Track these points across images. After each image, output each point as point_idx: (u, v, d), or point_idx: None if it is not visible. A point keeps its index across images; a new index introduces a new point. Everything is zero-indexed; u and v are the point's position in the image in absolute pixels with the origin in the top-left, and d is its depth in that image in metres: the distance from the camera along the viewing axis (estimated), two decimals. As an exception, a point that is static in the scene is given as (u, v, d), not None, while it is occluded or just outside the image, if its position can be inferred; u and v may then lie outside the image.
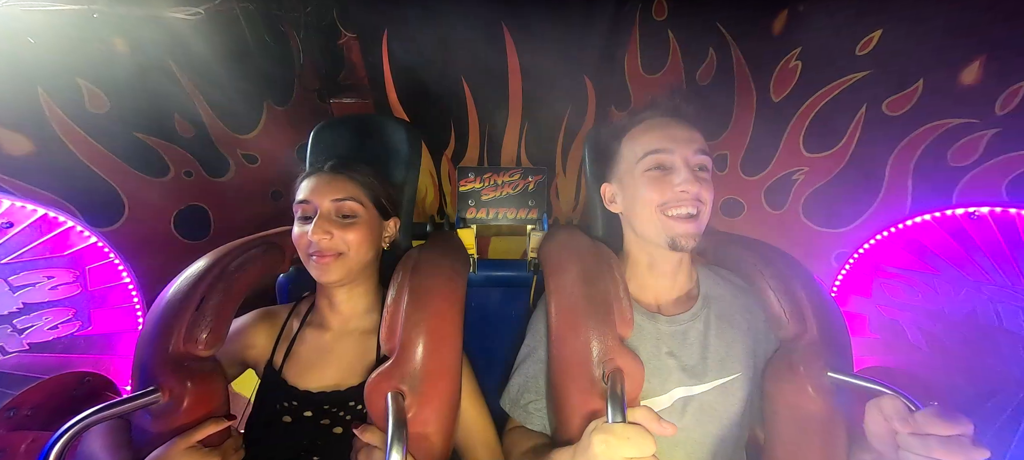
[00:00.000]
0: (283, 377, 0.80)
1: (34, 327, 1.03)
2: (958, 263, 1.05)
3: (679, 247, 0.72)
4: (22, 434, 0.84)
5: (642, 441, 0.52)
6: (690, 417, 0.74)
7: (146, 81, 1.26)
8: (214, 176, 1.46)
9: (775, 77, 1.40)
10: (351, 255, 0.76)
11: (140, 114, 1.25)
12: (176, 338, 0.66)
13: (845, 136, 1.28)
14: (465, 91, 1.76)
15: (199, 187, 1.41)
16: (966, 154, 1.07)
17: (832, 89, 1.28)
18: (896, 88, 1.16)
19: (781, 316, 0.72)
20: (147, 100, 1.27)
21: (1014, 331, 0.95)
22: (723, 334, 0.78)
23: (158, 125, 1.30)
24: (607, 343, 0.66)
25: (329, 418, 0.76)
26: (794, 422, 0.68)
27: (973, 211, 1.02)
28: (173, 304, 0.69)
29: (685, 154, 0.72)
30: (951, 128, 1.08)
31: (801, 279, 0.75)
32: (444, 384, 0.68)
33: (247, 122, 1.56)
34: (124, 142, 1.22)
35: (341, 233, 0.75)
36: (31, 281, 1.02)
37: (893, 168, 1.20)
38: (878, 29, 1.16)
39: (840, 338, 0.71)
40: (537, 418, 0.78)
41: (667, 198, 0.72)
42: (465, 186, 1.35)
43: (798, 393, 0.68)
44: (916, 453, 0.52)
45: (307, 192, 0.77)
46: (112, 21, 1.16)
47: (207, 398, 0.67)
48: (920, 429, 0.52)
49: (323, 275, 0.75)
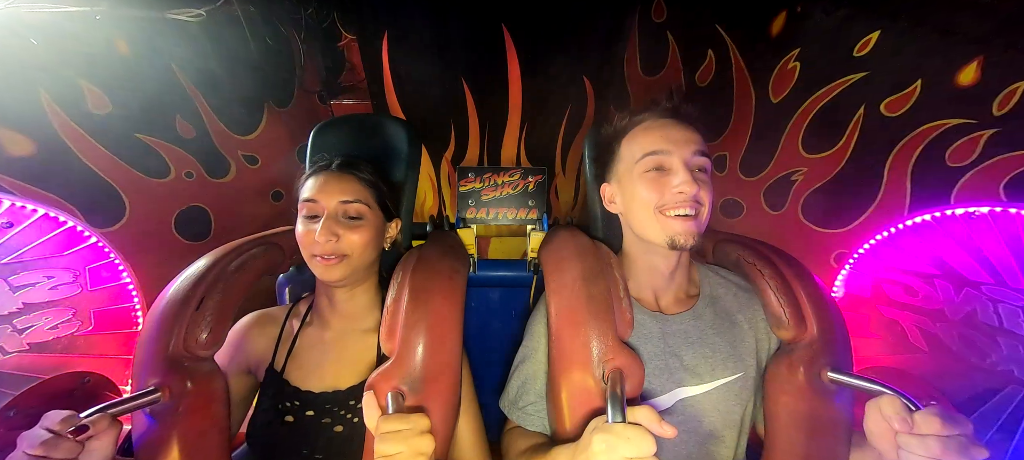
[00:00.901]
0: (284, 378, 0.80)
1: (34, 327, 1.03)
2: (958, 263, 1.05)
3: (678, 246, 0.72)
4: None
5: (642, 441, 0.52)
6: (691, 416, 0.74)
7: (147, 82, 1.27)
8: (215, 177, 1.46)
9: (774, 78, 1.40)
10: (355, 257, 0.76)
11: (141, 115, 1.26)
12: (176, 338, 0.66)
13: (844, 137, 1.28)
14: (465, 91, 1.77)
15: (200, 188, 1.41)
16: (964, 154, 1.07)
17: (831, 90, 1.28)
18: (894, 89, 1.16)
19: (781, 316, 0.72)
20: (148, 101, 1.27)
21: (1014, 331, 0.95)
22: (724, 333, 0.78)
23: (159, 126, 1.31)
24: (607, 343, 0.66)
25: (331, 417, 0.76)
26: (794, 422, 0.68)
27: (972, 211, 1.02)
28: (173, 304, 0.69)
29: (683, 155, 0.72)
30: (949, 128, 1.09)
31: (801, 279, 0.75)
32: (444, 384, 0.68)
33: (248, 123, 1.56)
34: (125, 143, 1.23)
35: (347, 234, 0.75)
36: (31, 281, 1.03)
37: (892, 168, 1.20)
38: (876, 30, 1.16)
39: (840, 338, 0.71)
40: (535, 419, 0.78)
41: (665, 199, 0.72)
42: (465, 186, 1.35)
43: (798, 393, 0.68)
44: (916, 453, 0.52)
45: (314, 191, 0.76)
46: (114, 22, 1.17)
47: (207, 398, 0.67)
48: (920, 429, 0.52)
49: (326, 275, 0.75)
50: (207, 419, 0.67)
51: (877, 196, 1.24)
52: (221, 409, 0.69)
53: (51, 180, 1.09)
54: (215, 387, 0.69)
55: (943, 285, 1.07)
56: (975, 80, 1.03)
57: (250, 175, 1.57)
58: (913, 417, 0.53)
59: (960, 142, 1.07)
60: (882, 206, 1.23)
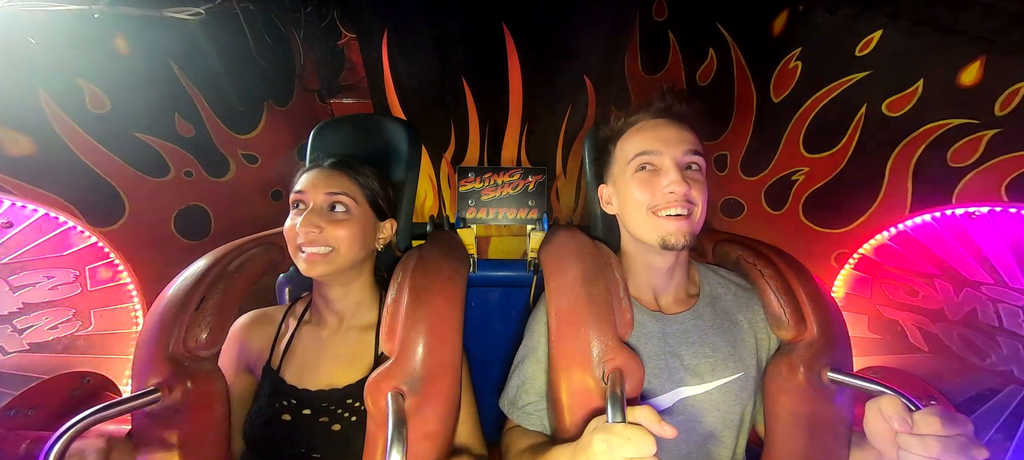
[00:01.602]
0: (281, 377, 0.80)
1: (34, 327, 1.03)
2: (958, 263, 1.05)
3: (669, 246, 0.72)
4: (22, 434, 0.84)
5: (642, 441, 0.52)
6: (691, 416, 0.74)
7: (147, 81, 1.26)
8: (214, 176, 1.46)
9: (775, 78, 1.40)
10: (340, 252, 0.76)
11: (141, 114, 1.26)
12: (176, 338, 0.66)
13: (845, 137, 1.28)
14: (465, 91, 1.76)
15: (199, 187, 1.41)
16: (966, 154, 1.06)
17: (832, 90, 1.28)
18: (896, 88, 1.16)
19: (781, 316, 0.72)
20: (148, 100, 1.27)
21: (1014, 331, 0.95)
22: (724, 333, 0.78)
23: (159, 125, 1.30)
24: (607, 343, 0.66)
25: (328, 416, 0.76)
26: (794, 422, 0.68)
27: (973, 211, 1.02)
28: (173, 304, 0.69)
29: (674, 155, 0.72)
30: (951, 129, 1.08)
31: (801, 279, 0.75)
32: (444, 384, 0.68)
33: (247, 122, 1.56)
34: (125, 142, 1.23)
35: (331, 228, 0.75)
36: (31, 281, 1.03)
37: (893, 168, 1.19)
38: (878, 29, 1.16)
39: (840, 338, 0.71)
40: (535, 418, 0.78)
41: (656, 200, 0.72)
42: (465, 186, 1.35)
43: (798, 393, 0.68)
44: (916, 453, 0.52)
45: (302, 185, 0.77)
46: (113, 21, 1.16)
47: (207, 398, 0.67)
48: (920, 429, 0.52)
49: (309, 269, 0.75)
50: (207, 419, 0.67)
51: (878, 196, 1.23)
52: (221, 409, 0.69)
53: (51, 180, 1.09)
54: (215, 387, 0.69)
55: (943, 285, 1.07)
56: (977, 80, 1.03)
57: (250, 174, 1.57)
58: (913, 417, 0.53)
59: (962, 142, 1.07)
60: (883, 206, 1.23)
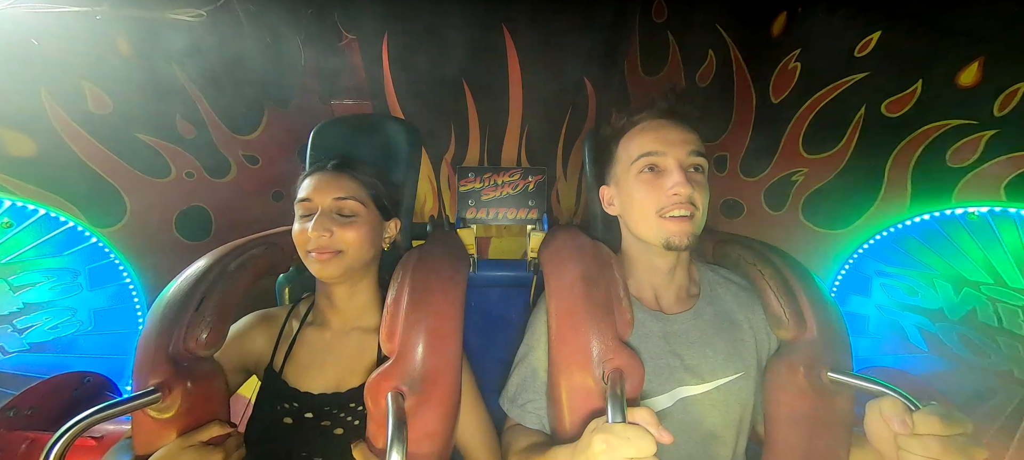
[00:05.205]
0: (283, 379, 0.80)
1: (34, 327, 1.03)
2: (958, 263, 1.05)
3: (673, 247, 0.72)
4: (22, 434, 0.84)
5: (642, 441, 0.52)
6: (691, 416, 0.74)
7: (148, 82, 1.27)
8: (215, 177, 1.46)
9: (774, 79, 1.40)
10: (350, 253, 0.76)
11: (142, 115, 1.26)
12: (176, 338, 0.66)
13: (844, 137, 1.28)
14: (465, 92, 1.77)
15: (200, 188, 1.41)
16: (965, 154, 1.07)
17: (831, 90, 1.28)
18: (895, 89, 1.16)
19: (781, 316, 0.72)
20: (149, 101, 1.27)
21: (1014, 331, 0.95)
22: (725, 333, 0.78)
23: (160, 126, 1.31)
24: (607, 343, 0.66)
25: (330, 419, 0.76)
26: (794, 422, 0.68)
27: (972, 211, 1.02)
28: (173, 304, 0.69)
29: (678, 156, 0.72)
30: (950, 129, 1.09)
31: (801, 279, 0.75)
32: (444, 384, 0.68)
33: (248, 123, 1.57)
34: (126, 143, 1.23)
35: (341, 231, 0.75)
36: (31, 281, 1.03)
37: (892, 169, 1.20)
38: (877, 31, 1.17)
39: (840, 338, 0.71)
40: (534, 417, 0.77)
41: (660, 201, 0.72)
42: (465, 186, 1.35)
43: (798, 393, 0.67)
44: (916, 453, 0.52)
45: (308, 190, 0.77)
46: (115, 23, 1.17)
47: (207, 398, 0.67)
48: (920, 429, 0.52)
49: (322, 271, 0.75)
50: (207, 419, 0.67)
51: (878, 196, 1.24)
52: (221, 409, 0.69)
53: (52, 180, 1.09)
54: (215, 387, 0.69)
55: (943, 285, 1.07)
56: (976, 81, 1.03)
57: (251, 175, 1.57)
58: (913, 417, 0.53)
59: (961, 143, 1.07)
60: (883, 206, 1.23)
